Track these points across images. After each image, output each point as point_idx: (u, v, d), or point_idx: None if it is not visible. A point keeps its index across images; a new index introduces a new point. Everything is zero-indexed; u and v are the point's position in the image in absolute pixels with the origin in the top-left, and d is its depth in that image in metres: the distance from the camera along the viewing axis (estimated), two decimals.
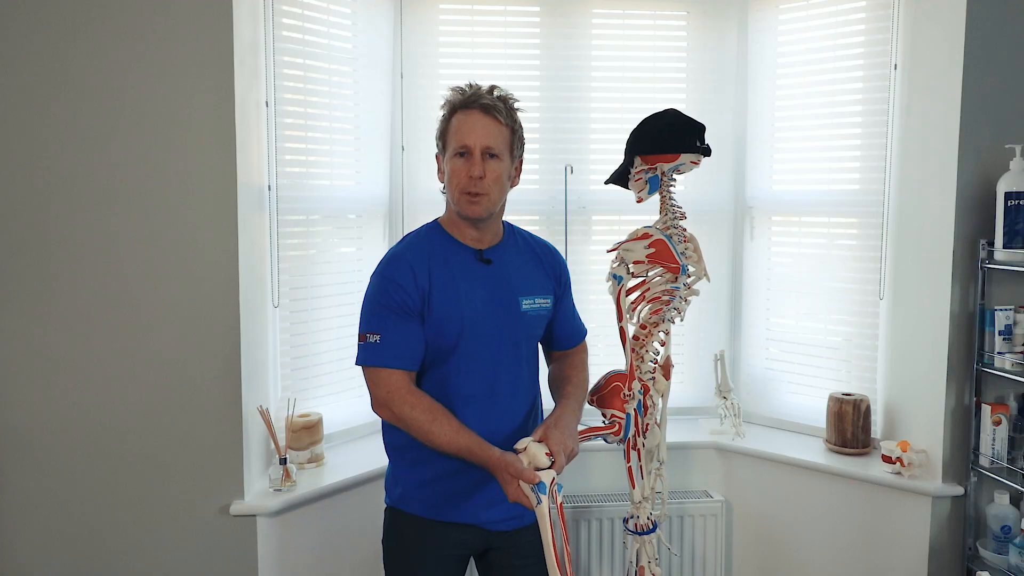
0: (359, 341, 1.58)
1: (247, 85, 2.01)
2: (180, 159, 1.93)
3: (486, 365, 1.62)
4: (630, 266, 1.77)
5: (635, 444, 1.79)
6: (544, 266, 1.74)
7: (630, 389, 1.77)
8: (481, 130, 1.56)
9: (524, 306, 1.66)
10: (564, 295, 1.78)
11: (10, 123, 1.87)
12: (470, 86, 1.62)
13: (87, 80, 1.88)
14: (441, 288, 1.58)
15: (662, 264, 1.76)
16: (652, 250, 1.75)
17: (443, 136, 1.62)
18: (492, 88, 1.62)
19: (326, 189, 2.36)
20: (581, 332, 1.84)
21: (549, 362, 1.84)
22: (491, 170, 1.57)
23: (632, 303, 1.80)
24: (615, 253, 1.80)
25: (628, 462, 1.79)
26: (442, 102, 1.64)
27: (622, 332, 1.80)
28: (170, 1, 1.89)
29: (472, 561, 1.77)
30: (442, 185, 1.64)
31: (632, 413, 1.77)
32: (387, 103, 2.51)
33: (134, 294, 1.94)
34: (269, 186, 2.16)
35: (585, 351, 1.85)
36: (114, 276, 1.93)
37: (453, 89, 1.63)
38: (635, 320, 1.80)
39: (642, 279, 1.80)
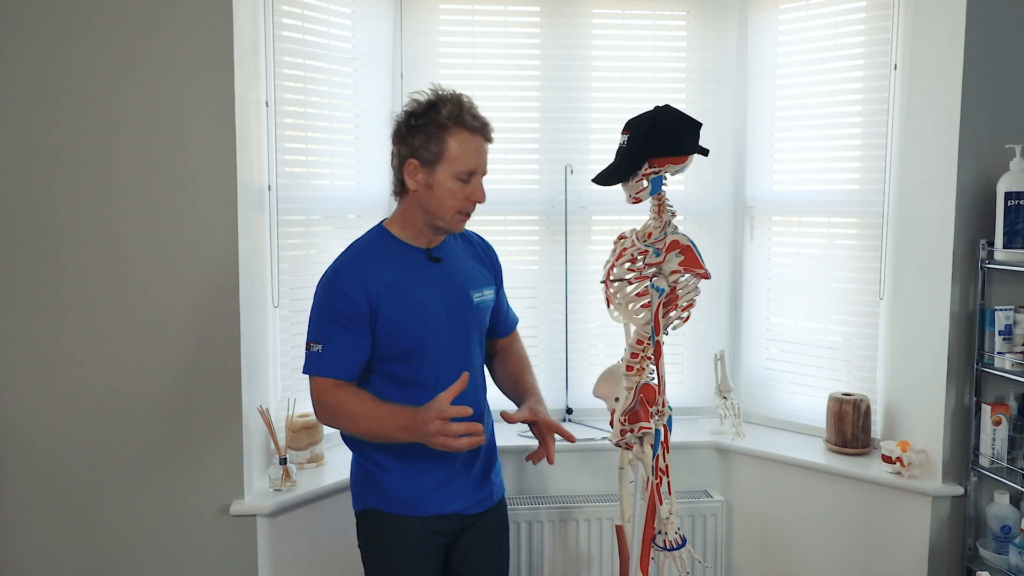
0: (306, 349, 1.62)
1: (247, 85, 2.01)
2: (180, 159, 1.93)
3: (448, 361, 1.65)
4: (668, 277, 1.74)
5: (664, 459, 1.76)
6: (482, 257, 1.79)
7: (663, 405, 1.76)
8: (484, 155, 1.62)
9: (475, 299, 1.71)
10: (500, 284, 1.84)
11: (11, 123, 1.87)
12: (447, 95, 1.59)
13: (88, 80, 1.88)
14: (396, 296, 1.60)
15: (692, 271, 1.73)
16: (682, 257, 1.73)
17: (436, 153, 1.57)
18: (470, 102, 1.62)
19: (326, 189, 2.36)
20: (515, 319, 1.91)
21: (490, 351, 1.87)
22: None
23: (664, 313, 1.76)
24: (617, 265, 1.77)
25: (656, 479, 1.75)
26: (413, 103, 1.60)
27: (658, 346, 1.76)
28: (170, 1, 1.89)
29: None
30: (401, 190, 1.64)
31: (662, 429, 1.75)
32: (387, 103, 2.51)
33: (134, 294, 1.94)
34: (269, 186, 2.17)
35: (519, 339, 1.92)
36: (114, 276, 1.93)
37: (438, 99, 1.59)
38: (668, 330, 1.77)
39: (672, 287, 1.76)
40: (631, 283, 1.77)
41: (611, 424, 1.79)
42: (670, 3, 2.57)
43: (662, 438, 1.74)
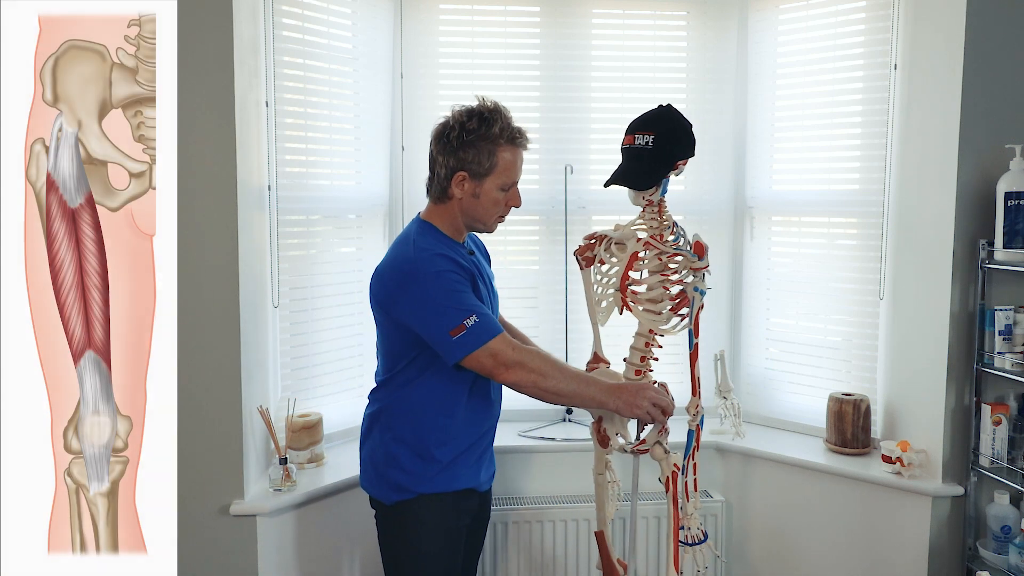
0: (454, 335, 1.59)
1: (247, 85, 2.01)
2: (180, 159, 1.92)
3: None
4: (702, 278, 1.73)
5: (694, 457, 1.78)
6: (480, 250, 1.93)
7: (696, 407, 1.77)
8: (522, 166, 1.75)
9: (494, 287, 1.89)
10: None
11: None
12: (496, 110, 1.68)
13: None
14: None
15: (705, 270, 1.73)
16: (706, 260, 1.73)
17: (488, 168, 1.67)
18: (509, 114, 1.72)
19: (326, 189, 2.36)
20: None
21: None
22: None
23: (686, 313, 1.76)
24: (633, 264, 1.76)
25: (685, 476, 1.76)
26: (463, 115, 1.67)
27: (696, 349, 1.75)
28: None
29: None
30: (443, 196, 1.72)
31: (695, 429, 1.77)
32: (387, 103, 2.51)
33: None
34: (269, 186, 2.17)
35: None
36: None
37: (488, 114, 1.67)
38: (675, 331, 1.77)
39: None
40: (640, 284, 1.76)
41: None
42: (670, 3, 2.57)
43: (696, 437, 1.77)
